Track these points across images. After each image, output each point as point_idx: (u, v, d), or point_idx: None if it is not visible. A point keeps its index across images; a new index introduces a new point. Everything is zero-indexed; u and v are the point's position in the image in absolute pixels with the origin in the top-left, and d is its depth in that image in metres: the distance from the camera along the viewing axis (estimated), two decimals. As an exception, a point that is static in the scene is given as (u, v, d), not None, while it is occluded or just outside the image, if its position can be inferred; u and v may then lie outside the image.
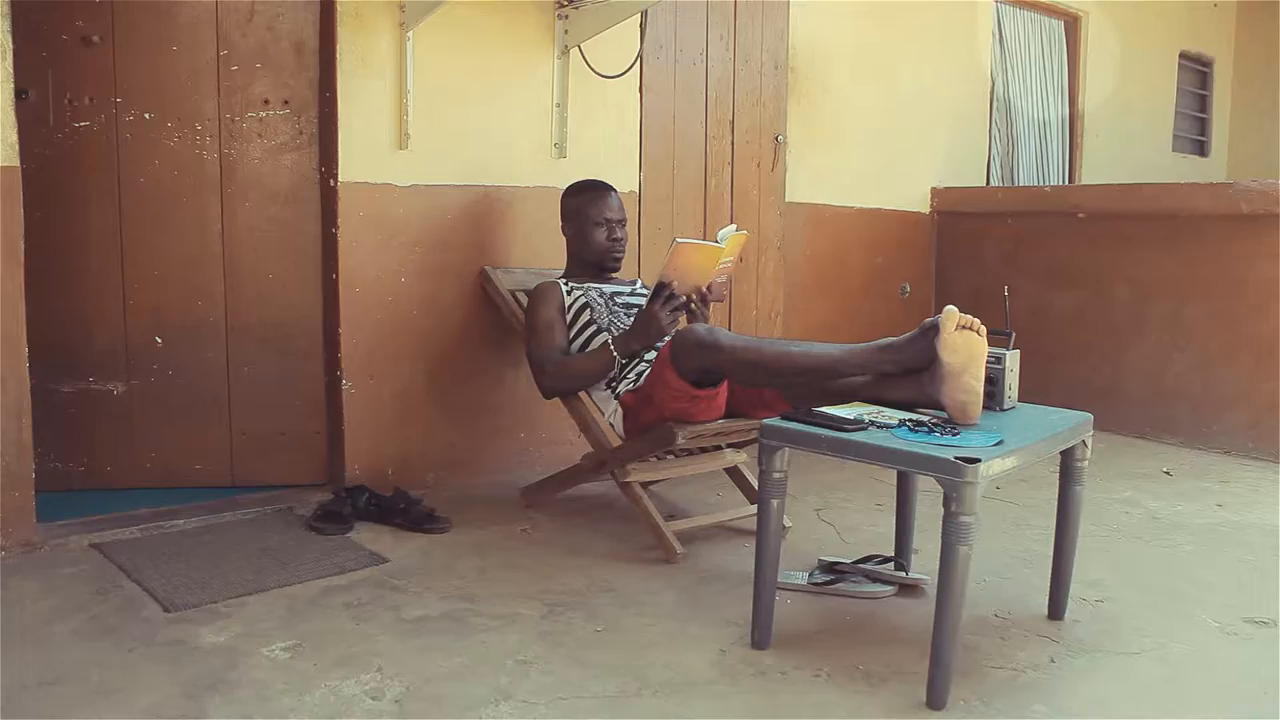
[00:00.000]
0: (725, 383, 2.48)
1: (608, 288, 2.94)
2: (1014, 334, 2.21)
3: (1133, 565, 2.58)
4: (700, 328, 2.37)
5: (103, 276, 2.85)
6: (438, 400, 3.15)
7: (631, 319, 2.83)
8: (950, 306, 2.05)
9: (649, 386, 2.53)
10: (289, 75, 2.94)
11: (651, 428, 2.54)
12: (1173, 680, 1.94)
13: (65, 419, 2.84)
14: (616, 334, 2.77)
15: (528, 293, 2.98)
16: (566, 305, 2.86)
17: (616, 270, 3.02)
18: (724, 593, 2.33)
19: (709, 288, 2.72)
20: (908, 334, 2.14)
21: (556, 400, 2.83)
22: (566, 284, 2.91)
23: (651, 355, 2.71)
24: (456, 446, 3.21)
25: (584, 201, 2.98)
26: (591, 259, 2.97)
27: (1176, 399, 4.04)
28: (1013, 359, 2.16)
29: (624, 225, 3.00)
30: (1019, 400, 2.20)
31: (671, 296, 2.63)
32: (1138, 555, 2.68)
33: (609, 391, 2.75)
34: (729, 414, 2.57)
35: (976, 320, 2.04)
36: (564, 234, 3.04)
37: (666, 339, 2.55)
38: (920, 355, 2.09)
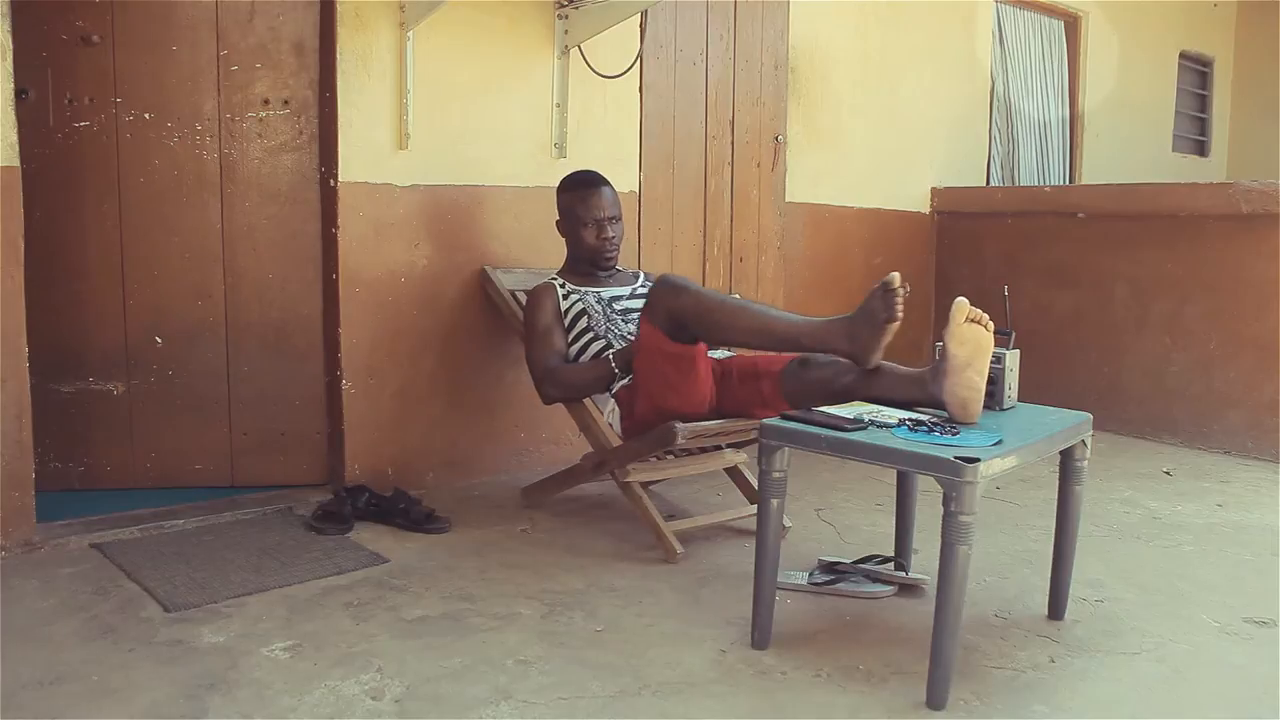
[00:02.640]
0: (701, 346, 2.47)
1: (606, 292, 2.92)
2: (1014, 334, 2.21)
3: (1133, 565, 2.58)
4: (677, 276, 2.43)
5: (103, 276, 2.85)
6: (437, 400, 3.15)
7: (630, 324, 2.83)
8: (961, 298, 2.05)
9: (636, 365, 2.55)
10: (289, 75, 2.94)
11: (647, 420, 2.54)
12: (1173, 680, 1.94)
13: (65, 419, 2.84)
14: (615, 341, 2.78)
15: (527, 293, 2.97)
16: (563, 310, 2.85)
17: (610, 269, 2.98)
18: (724, 593, 2.33)
19: None
20: (859, 306, 2.23)
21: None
22: (563, 286, 2.90)
23: None
24: (456, 446, 3.21)
25: (573, 200, 2.92)
26: (583, 258, 2.94)
27: (1176, 399, 4.04)
28: (1012, 358, 2.16)
29: (617, 222, 2.93)
30: (1019, 400, 2.20)
31: None
32: (1138, 555, 2.68)
33: (607, 392, 2.75)
34: (729, 414, 2.57)
35: (985, 315, 2.04)
36: (558, 230, 3.02)
37: None
38: (870, 324, 2.17)
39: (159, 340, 2.91)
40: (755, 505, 2.25)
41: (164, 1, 2.81)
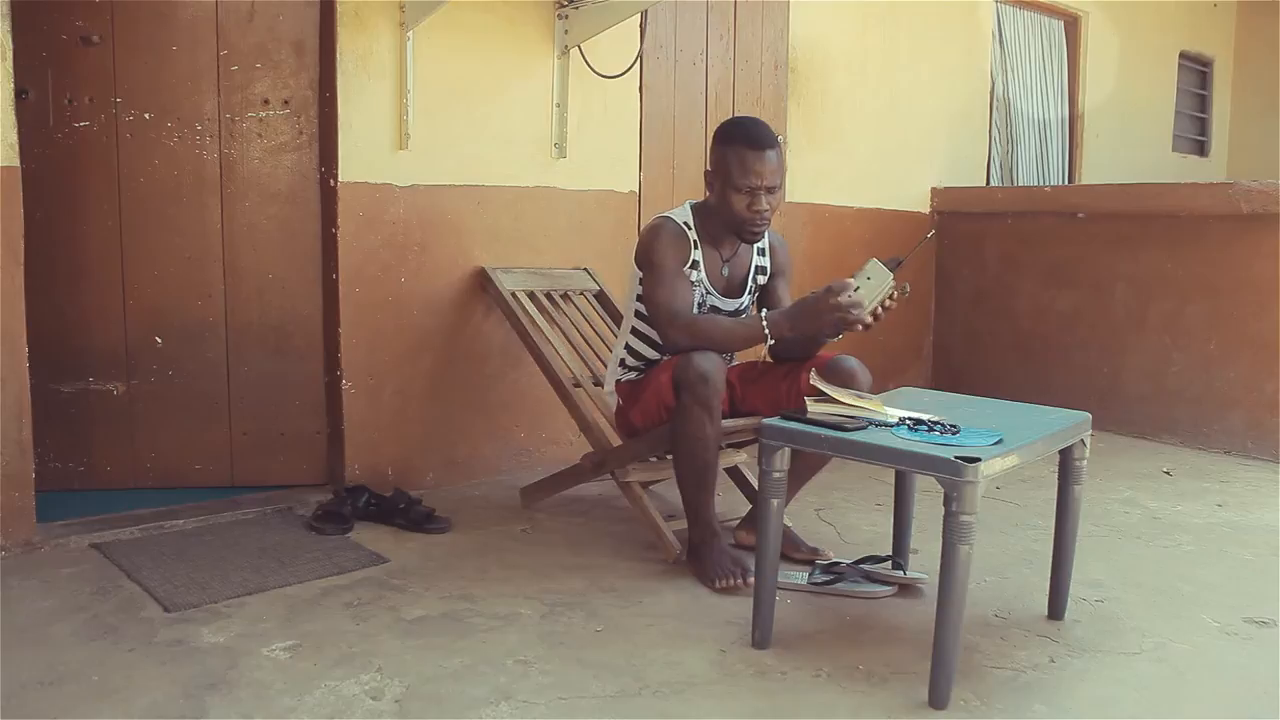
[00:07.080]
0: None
1: (712, 299, 2.59)
2: (902, 261, 2.26)
3: (1133, 565, 2.58)
4: (716, 373, 2.30)
5: (103, 276, 2.85)
6: (437, 400, 3.15)
7: None
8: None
9: (644, 383, 2.53)
10: (289, 75, 2.94)
11: (636, 429, 2.54)
12: (1173, 680, 1.94)
13: (65, 419, 2.84)
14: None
15: (653, 228, 2.55)
16: (687, 267, 2.52)
17: (753, 243, 2.61)
18: (724, 593, 2.33)
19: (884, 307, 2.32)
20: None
21: (556, 400, 2.83)
22: (696, 247, 2.53)
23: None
24: (456, 446, 3.21)
25: (730, 157, 2.43)
26: (727, 223, 2.52)
27: (1176, 399, 4.04)
28: (876, 270, 2.21)
29: (776, 191, 2.45)
30: (1021, 401, 2.20)
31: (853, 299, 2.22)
32: (1138, 555, 2.68)
33: (620, 369, 2.66)
34: (729, 414, 2.57)
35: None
36: (704, 179, 2.56)
37: (822, 340, 2.40)
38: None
39: (159, 340, 2.91)
40: (755, 505, 2.25)
41: (164, 1, 2.81)
